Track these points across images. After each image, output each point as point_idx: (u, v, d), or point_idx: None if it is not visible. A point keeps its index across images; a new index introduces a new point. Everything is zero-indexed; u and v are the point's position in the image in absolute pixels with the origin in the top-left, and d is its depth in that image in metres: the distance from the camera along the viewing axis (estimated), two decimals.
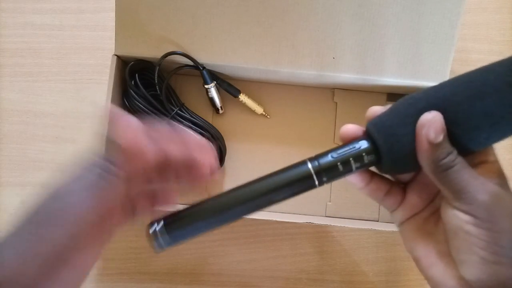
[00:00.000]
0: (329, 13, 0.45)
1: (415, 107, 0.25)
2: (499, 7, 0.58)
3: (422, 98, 0.25)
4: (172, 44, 0.46)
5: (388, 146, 0.25)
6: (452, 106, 0.24)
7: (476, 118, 0.24)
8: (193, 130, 0.49)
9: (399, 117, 0.25)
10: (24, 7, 0.56)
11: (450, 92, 0.25)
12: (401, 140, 0.25)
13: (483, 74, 0.25)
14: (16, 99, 0.54)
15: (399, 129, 0.25)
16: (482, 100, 0.24)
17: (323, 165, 0.26)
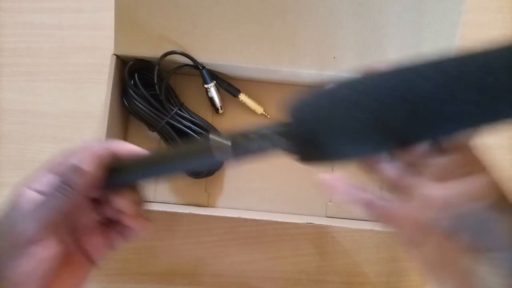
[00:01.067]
0: (329, 12, 0.45)
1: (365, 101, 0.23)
2: (500, 6, 0.57)
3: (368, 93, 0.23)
4: (171, 43, 0.46)
5: (301, 119, 0.23)
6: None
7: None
8: (193, 130, 0.49)
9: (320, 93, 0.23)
10: (23, 7, 0.56)
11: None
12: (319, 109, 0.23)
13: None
14: (15, 99, 0.54)
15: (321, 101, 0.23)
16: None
17: (238, 138, 0.25)
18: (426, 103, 0.22)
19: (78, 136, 0.54)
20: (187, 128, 0.49)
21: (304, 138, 0.23)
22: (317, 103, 0.23)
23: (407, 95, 0.23)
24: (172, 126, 0.49)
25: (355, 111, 0.22)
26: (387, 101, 0.22)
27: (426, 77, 0.23)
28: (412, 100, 0.22)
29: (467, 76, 0.22)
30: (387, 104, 0.22)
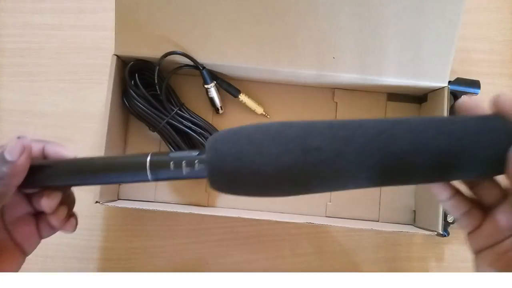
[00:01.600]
0: (329, 13, 0.45)
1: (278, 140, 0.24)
2: (499, 6, 0.58)
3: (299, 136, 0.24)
4: (172, 44, 0.46)
5: (214, 158, 0.24)
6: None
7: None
8: (193, 130, 0.49)
9: (239, 135, 0.25)
10: (24, 7, 0.56)
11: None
12: (229, 155, 0.24)
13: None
14: (15, 99, 0.54)
15: (234, 144, 0.24)
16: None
17: (159, 161, 0.26)
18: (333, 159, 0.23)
19: (78, 136, 0.54)
20: (187, 128, 0.49)
21: (215, 174, 0.24)
22: (234, 146, 0.24)
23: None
24: (172, 126, 0.49)
25: (265, 165, 0.23)
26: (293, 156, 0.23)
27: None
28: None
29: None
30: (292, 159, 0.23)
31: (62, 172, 0.28)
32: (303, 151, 0.23)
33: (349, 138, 0.23)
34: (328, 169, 0.23)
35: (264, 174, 0.23)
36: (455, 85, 0.52)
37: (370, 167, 0.23)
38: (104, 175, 0.28)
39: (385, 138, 0.23)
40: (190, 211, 0.47)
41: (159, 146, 0.53)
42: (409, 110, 0.54)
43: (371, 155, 0.23)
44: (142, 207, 0.49)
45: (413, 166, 0.24)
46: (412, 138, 0.23)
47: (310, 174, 0.24)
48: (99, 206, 0.47)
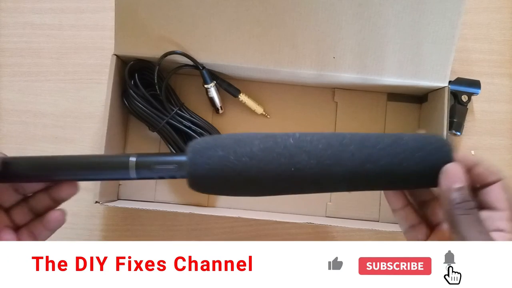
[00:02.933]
0: (329, 13, 0.45)
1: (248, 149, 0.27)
2: (499, 7, 0.58)
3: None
4: (171, 43, 0.46)
5: (191, 169, 0.27)
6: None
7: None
8: (193, 130, 0.49)
9: (217, 148, 0.27)
10: (24, 7, 0.56)
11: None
12: (209, 165, 0.27)
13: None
14: (15, 99, 0.54)
15: (216, 152, 0.27)
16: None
17: (143, 162, 0.28)
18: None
19: (78, 136, 0.54)
20: (187, 128, 0.49)
21: (193, 177, 0.27)
22: (212, 153, 0.27)
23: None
24: (172, 126, 0.49)
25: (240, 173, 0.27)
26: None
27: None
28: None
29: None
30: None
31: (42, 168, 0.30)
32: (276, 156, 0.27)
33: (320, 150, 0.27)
34: (296, 176, 0.27)
35: (233, 184, 0.27)
36: (456, 85, 0.52)
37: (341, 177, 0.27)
38: (89, 173, 0.30)
39: (335, 154, 0.27)
40: (190, 211, 0.47)
41: (159, 146, 0.53)
42: (409, 110, 0.54)
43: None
44: (142, 207, 0.49)
45: (366, 176, 0.27)
46: (362, 155, 0.27)
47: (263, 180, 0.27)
48: (99, 206, 0.47)
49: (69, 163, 0.30)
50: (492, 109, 0.56)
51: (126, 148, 0.53)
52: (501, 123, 0.56)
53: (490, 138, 0.56)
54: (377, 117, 0.54)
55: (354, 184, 0.28)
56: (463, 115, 0.53)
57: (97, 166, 0.29)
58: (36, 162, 0.30)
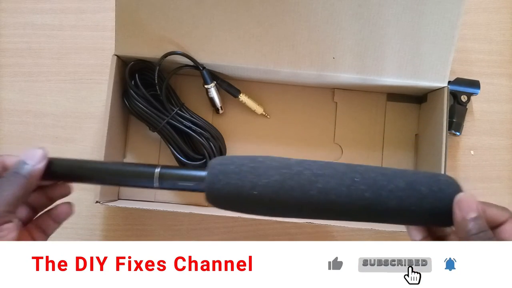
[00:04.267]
0: (329, 13, 0.45)
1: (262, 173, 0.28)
2: (499, 7, 0.58)
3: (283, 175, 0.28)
4: (172, 44, 0.46)
5: (211, 186, 0.29)
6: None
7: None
8: (193, 130, 0.49)
9: (236, 169, 0.28)
10: (24, 7, 0.56)
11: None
12: (221, 186, 0.28)
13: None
14: (16, 99, 0.54)
15: (231, 179, 0.28)
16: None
17: (167, 174, 0.30)
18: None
19: (79, 136, 0.54)
20: (187, 128, 0.49)
21: (209, 192, 0.29)
22: (231, 174, 0.28)
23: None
24: (172, 126, 0.49)
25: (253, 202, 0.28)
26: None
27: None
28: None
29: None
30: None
31: (83, 171, 0.32)
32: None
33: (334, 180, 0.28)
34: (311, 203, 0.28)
35: (247, 207, 0.29)
36: (455, 85, 0.52)
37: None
38: (117, 179, 0.32)
39: (346, 193, 0.28)
40: (190, 211, 0.48)
41: (159, 146, 0.53)
42: (408, 110, 0.54)
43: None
44: (142, 207, 0.49)
45: (374, 215, 0.28)
46: (374, 193, 0.28)
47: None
48: (99, 206, 0.47)
49: (102, 169, 0.32)
50: (492, 109, 0.56)
51: (126, 148, 0.53)
52: (501, 123, 0.56)
53: (489, 138, 0.56)
54: (377, 117, 0.54)
55: (361, 218, 0.29)
56: (462, 115, 0.53)
57: (126, 174, 0.31)
58: (74, 165, 0.32)
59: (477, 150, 0.55)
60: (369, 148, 0.54)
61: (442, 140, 0.46)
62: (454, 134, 0.53)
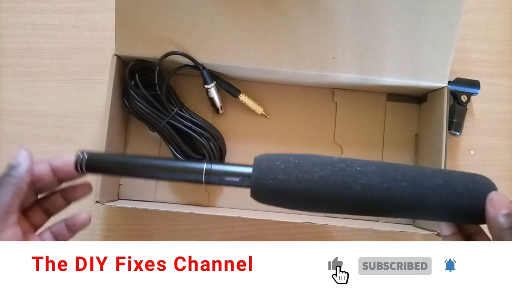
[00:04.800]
0: (329, 13, 0.45)
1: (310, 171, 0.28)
2: (499, 7, 0.58)
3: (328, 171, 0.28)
4: (172, 44, 0.46)
5: (258, 181, 0.29)
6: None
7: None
8: (193, 130, 0.49)
9: (282, 165, 0.29)
10: (24, 7, 0.56)
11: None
12: (271, 184, 0.29)
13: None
14: (16, 99, 0.54)
15: (278, 175, 0.28)
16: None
17: (213, 170, 0.31)
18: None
19: (79, 136, 0.54)
20: (187, 128, 0.49)
21: (255, 190, 0.30)
22: (277, 170, 0.29)
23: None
24: (172, 126, 0.49)
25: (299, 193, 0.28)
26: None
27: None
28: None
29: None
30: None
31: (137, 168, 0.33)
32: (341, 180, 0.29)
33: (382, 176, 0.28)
34: (358, 198, 0.28)
35: (292, 202, 0.30)
36: (455, 85, 0.52)
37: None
38: (166, 174, 0.33)
39: (388, 190, 0.28)
40: (190, 211, 0.48)
41: (159, 146, 0.53)
42: (408, 110, 0.54)
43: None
44: (142, 207, 0.49)
45: (413, 210, 0.29)
46: (415, 192, 0.28)
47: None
48: (99, 206, 0.47)
49: (152, 164, 0.33)
50: (492, 109, 0.56)
51: (126, 148, 0.53)
52: (501, 123, 0.56)
53: (489, 138, 0.56)
54: (377, 117, 0.54)
55: (398, 214, 0.30)
56: (462, 115, 0.53)
57: (175, 169, 0.32)
58: (123, 160, 0.33)
59: (477, 150, 0.55)
60: (369, 148, 0.54)
61: (442, 140, 0.46)
62: (454, 134, 0.53)
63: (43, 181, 0.32)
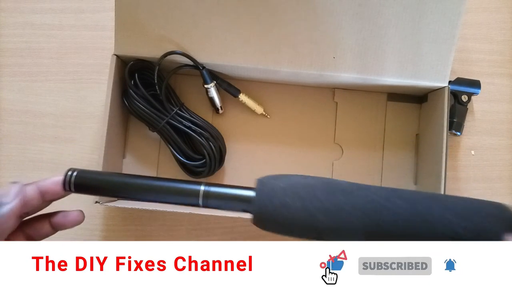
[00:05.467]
0: (329, 13, 0.45)
1: (313, 195, 0.27)
2: (499, 6, 0.58)
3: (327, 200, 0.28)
4: (172, 43, 0.46)
5: (259, 207, 0.28)
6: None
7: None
8: (193, 130, 0.49)
9: (287, 190, 0.28)
10: (24, 7, 0.56)
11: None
12: (272, 209, 0.28)
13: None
14: (15, 99, 0.54)
15: (280, 199, 0.27)
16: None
17: (212, 192, 0.30)
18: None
19: (78, 136, 0.54)
20: (187, 128, 0.49)
21: (258, 214, 0.29)
22: (279, 195, 0.28)
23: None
24: (172, 126, 0.49)
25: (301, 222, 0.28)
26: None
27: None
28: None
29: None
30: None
31: (125, 188, 0.32)
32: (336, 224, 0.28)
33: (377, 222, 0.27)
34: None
35: (297, 229, 0.29)
36: (455, 85, 0.52)
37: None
38: (160, 196, 0.32)
39: (402, 223, 0.27)
40: (190, 211, 0.47)
41: (159, 146, 0.53)
42: (409, 110, 0.54)
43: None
44: (141, 207, 0.49)
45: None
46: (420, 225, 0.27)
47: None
48: (99, 206, 0.47)
49: (145, 185, 0.32)
50: (492, 109, 0.56)
51: (126, 148, 0.53)
52: (501, 123, 0.56)
53: (490, 138, 0.56)
54: (377, 117, 0.54)
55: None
56: (463, 115, 0.53)
57: (170, 191, 0.31)
58: (111, 180, 0.32)
59: (477, 150, 0.55)
60: (369, 148, 0.54)
61: (443, 140, 0.46)
62: (455, 134, 0.53)
63: (30, 205, 0.31)
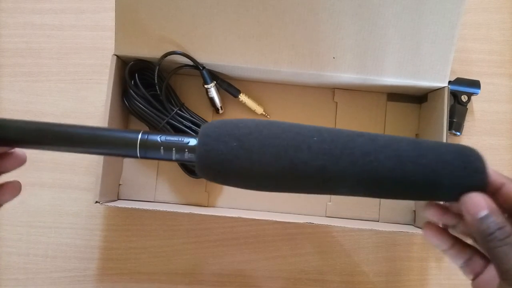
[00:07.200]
0: (329, 13, 0.45)
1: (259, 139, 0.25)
2: (499, 7, 0.58)
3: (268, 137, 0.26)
4: (172, 44, 0.46)
5: (204, 153, 0.25)
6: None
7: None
8: (193, 130, 0.49)
9: (231, 134, 0.26)
10: (24, 7, 0.56)
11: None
12: (219, 153, 0.25)
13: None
14: (16, 99, 0.54)
15: (226, 143, 0.25)
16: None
17: (150, 141, 0.27)
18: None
19: None
20: (187, 128, 0.49)
21: (203, 167, 0.26)
22: (225, 147, 0.25)
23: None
24: (172, 126, 0.49)
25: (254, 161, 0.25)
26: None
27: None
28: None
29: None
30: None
31: (43, 135, 0.28)
32: (291, 163, 0.25)
33: (336, 156, 0.25)
34: (311, 181, 0.26)
35: (251, 176, 0.26)
36: (455, 85, 0.52)
37: (351, 184, 0.26)
38: (92, 147, 0.28)
39: (370, 162, 0.25)
40: (190, 211, 0.47)
41: None
42: (409, 110, 0.54)
43: (354, 174, 0.25)
44: (142, 207, 0.49)
45: (393, 187, 0.26)
46: (394, 164, 0.25)
47: (293, 182, 0.26)
48: (99, 206, 0.47)
49: (73, 133, 0.28)
50: (492, 109, 0.56)
51: None
52: (501, 123, 0.56)
53: (489, 138, 0.56)
54: (377, 117, 0.54)
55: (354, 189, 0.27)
56: (462, 115, 0.53)
57: (103, 140, 0.28)
58: (36, 127, 0.28)
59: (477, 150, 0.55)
60: None
61: (443, 140, 0.46)
62: (455, 134, 0.53)
63: None
